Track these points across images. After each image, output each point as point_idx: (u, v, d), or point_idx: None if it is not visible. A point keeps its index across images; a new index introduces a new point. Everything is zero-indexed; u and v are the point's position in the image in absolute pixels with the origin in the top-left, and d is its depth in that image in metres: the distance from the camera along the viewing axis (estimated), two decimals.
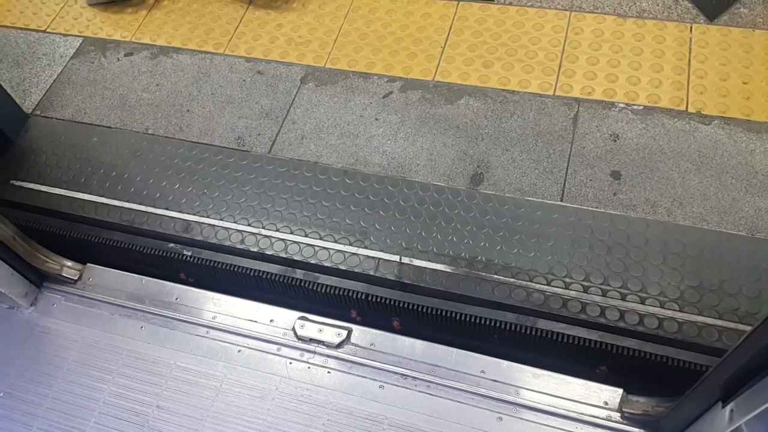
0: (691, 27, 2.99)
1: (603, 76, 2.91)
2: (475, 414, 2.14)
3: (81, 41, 3.50)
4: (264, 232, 2.63)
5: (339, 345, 2.33)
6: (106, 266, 2.68)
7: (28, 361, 2.45)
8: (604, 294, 2.29)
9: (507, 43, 3.10)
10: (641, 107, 2.79)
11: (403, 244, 2.52)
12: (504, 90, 2.94)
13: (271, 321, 2.44)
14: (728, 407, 1.52)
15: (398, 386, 2.24)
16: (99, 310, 2.55)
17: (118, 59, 3.37)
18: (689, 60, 2.90)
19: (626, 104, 2.81)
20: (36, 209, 2.87)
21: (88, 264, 2.68)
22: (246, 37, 3.35)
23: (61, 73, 3.37)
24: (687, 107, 2.76)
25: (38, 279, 2.63)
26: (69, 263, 2.65)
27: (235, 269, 2.59)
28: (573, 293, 2.30)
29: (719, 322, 2.20)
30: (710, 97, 2.77)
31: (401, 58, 3.14)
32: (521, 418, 2.12)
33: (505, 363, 2.23)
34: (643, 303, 2.25)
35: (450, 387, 2.20)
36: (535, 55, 3.03)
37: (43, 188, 2.88)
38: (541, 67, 2.99)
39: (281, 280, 2.55)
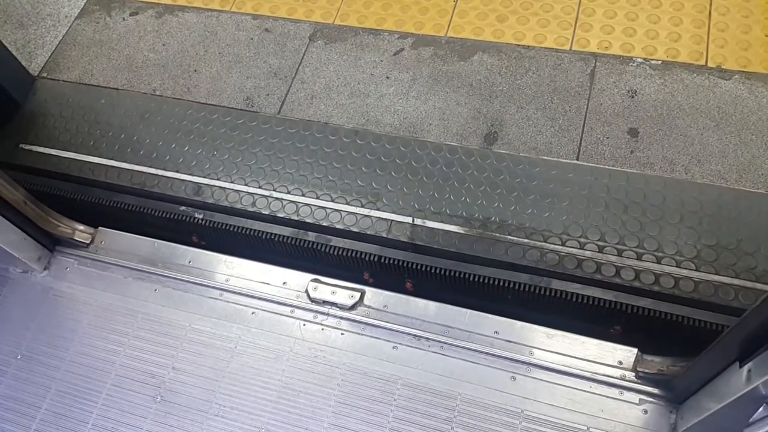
0: None
1: (620, 29, 2.82)
2: (488, 374, 2.15)
3: (85, 0, 3.43)
4: (275, 194, 2.61)
5: (352, 307, 2.33)
6: (117, 230, 2.67)
7: (44, 325, 2.47)
8: (619, 254, 2.26)
9: None
10: (660, 62, 2.71)
11: (416, 205, 2.49)
12: (519, 45, 2.86)
13: (284, 283, 2.43)
14: (746, 367, 1.51)
15: (411, 347, 2.24)
16: (112, 273, 2.56)
17: (124, 19, 3.31)
18: (710, 12, 2.81)
19: (644, 59, 2.73)
20: (46, 173, 2.86)
21: (100, 228, 2.68)
22: None
23: (66, 34, 3.32)
24: (707, 62, 2.68)
25: (51, 243, 2.63)
26: (81, 227, 2.65)
27: (247, 232, 2.58)
28: (588, 253, 2.28)
29: (736, 282, 2.17)
30: (731, 51, 2.68)
31: (412, 13, 3.06)
32: (535, 378, 2.13)
33: (518, 323, 2.22)
34: (659, 262, 2.23)
35: (463, 347, 2.20)
36: (551, 9, 2.94)
37: (53, 152, 2.87)
38: (557, 21, 2.90)
39: (293, 242, 2.54)
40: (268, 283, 2.45)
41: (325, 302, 2.36)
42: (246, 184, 2.64)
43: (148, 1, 3.35)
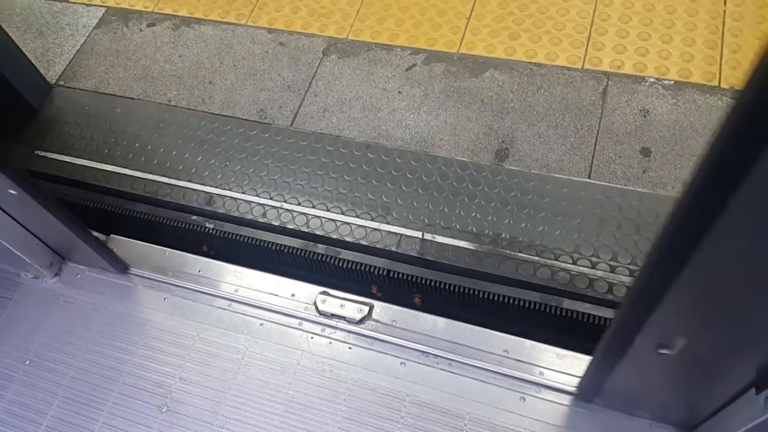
0: None
1: (633, 49, 2.83)
2: (497, 393, 2.13)
3: (104, 11, 3.47)
4: (286, 205, 2.61)
5: (360, 321, 2.32)
6: (129, 238, 2.69)
7: (53, 331, 2.48)
8: (631, 274, 2.24)
9: (534, 14, 3.02)
10: (672, 82, 2.71)
11: (426, 220, 2.49)
12: (531, 63, 2.87)
13: (293, 295, 2.43)
14: (763, 394, 1.48)
15: (420, 363, 2.23)
16: (122, 281, 2.56)
17: (141, 30, 3.34)
18: (723, 33, 2.81)
19: (657, 79, 2.73)
20: (60, 180, 2.88)
21: (112, 235, 2.69)
22: (268, 7, 3.30)
23: (84, 43, 3.36)
24: (719, 83, 2.68)
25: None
26: (93, 234, 2.66)
27: (257, 243, 2.59)
28: (600, 273, 2.26)
29: None
30: (744, 72, 2.67)
31: (425, 29, 3.08)
32: (545, 399, 2.10)
33: (528, 342, 2.21)
34: None
35: (472, 366, 2.19)
36: (564, 27, 2.95)
37: (67, 159, 2.89)
38: (569, 40, 2.91)
39: (302, 254, 2.54)
40: (277, 295, 2.45)
41: (333, 315, 2.36)
42: (257, 195, 2.66)
43: (165, 13, 3.39)
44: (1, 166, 1.92)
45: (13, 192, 2.02)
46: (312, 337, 2.34)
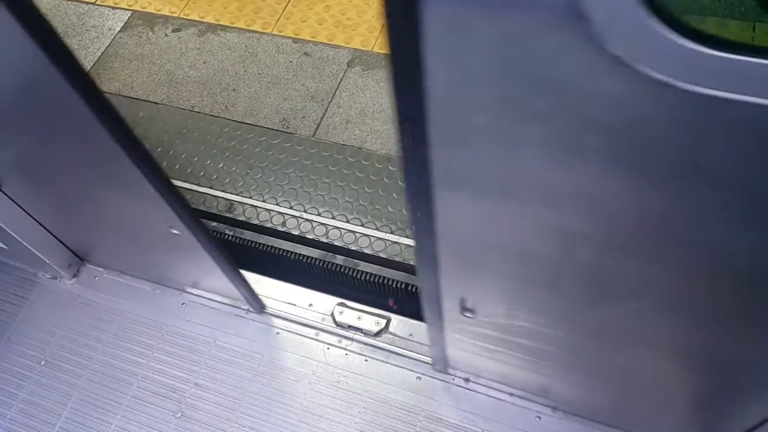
0: None
1: None
2: (513, 412, 2.11)
3: (129, 15, 3.50)
4: (305, 215, 2.62)
5: (377, 333, 2.32)
6: None
7: (69, 332, 2.48)
8: None
9: None
10: None
11: None
12: None
13: (310, 305, 2.43)
14: None
15: (435, 379, 2.22)
16: (140, 285, 2.57)
17: (166, 35, 3.37)
18: None
19: None
20: None
21: None
22: (294, 17, 3.32)
23: (109, 46, 3.39)
24: None
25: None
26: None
27: (276, 251, 2.59)
28: None
29: None
30: None
31: None
32: (560, 419, 2.09)
33: None
34: None
35: (488, 385, 2.17)
36: None
37: None
38: None
39: (321, 264, 2.54)
40: (294, 304, 2.44)
41: (350, 327, 2.35)
42: (277, 204, 2.66)
43: (191, 19, 3.41)
44: (171, 203, 1.74)
45: (176, 232, 1.89)
46: (328, 348, 2.34)
